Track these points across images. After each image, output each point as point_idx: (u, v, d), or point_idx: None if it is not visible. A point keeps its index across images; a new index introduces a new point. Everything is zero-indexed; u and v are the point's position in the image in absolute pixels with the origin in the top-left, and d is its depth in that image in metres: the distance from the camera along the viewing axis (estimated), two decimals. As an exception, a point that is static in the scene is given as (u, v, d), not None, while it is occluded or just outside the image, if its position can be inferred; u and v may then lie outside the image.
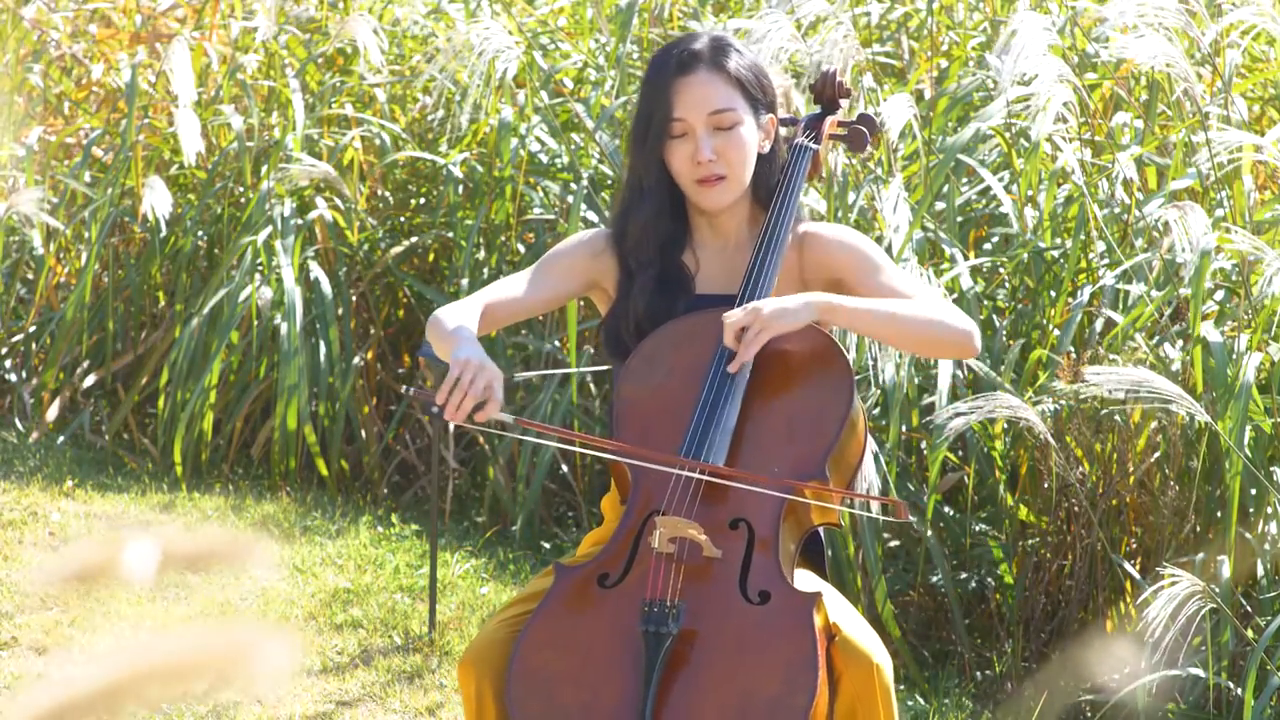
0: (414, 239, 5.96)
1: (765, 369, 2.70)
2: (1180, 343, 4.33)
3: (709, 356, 2.70)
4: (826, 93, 3.02)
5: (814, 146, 2.92)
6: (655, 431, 2.69)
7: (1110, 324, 4.43)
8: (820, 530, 2.75)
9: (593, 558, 2.65)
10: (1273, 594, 3.99)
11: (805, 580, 2.66)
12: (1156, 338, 4.38)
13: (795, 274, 2.84)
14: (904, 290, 2.75)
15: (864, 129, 3.01)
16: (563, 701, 2.53)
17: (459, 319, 2.70)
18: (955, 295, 4.58)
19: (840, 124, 3.01)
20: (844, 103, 3.03)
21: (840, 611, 2.61)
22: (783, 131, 2.95)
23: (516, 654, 2.56)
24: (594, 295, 2.92)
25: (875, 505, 3.57)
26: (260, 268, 5.71)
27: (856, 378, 4.46)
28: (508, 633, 2.63)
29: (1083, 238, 4.52)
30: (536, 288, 2.84)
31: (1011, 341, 4.57)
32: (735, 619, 2.55)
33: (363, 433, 5.78)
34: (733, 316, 2.65)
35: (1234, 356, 4.08)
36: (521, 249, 5.84)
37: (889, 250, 4.44)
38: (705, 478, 2.62)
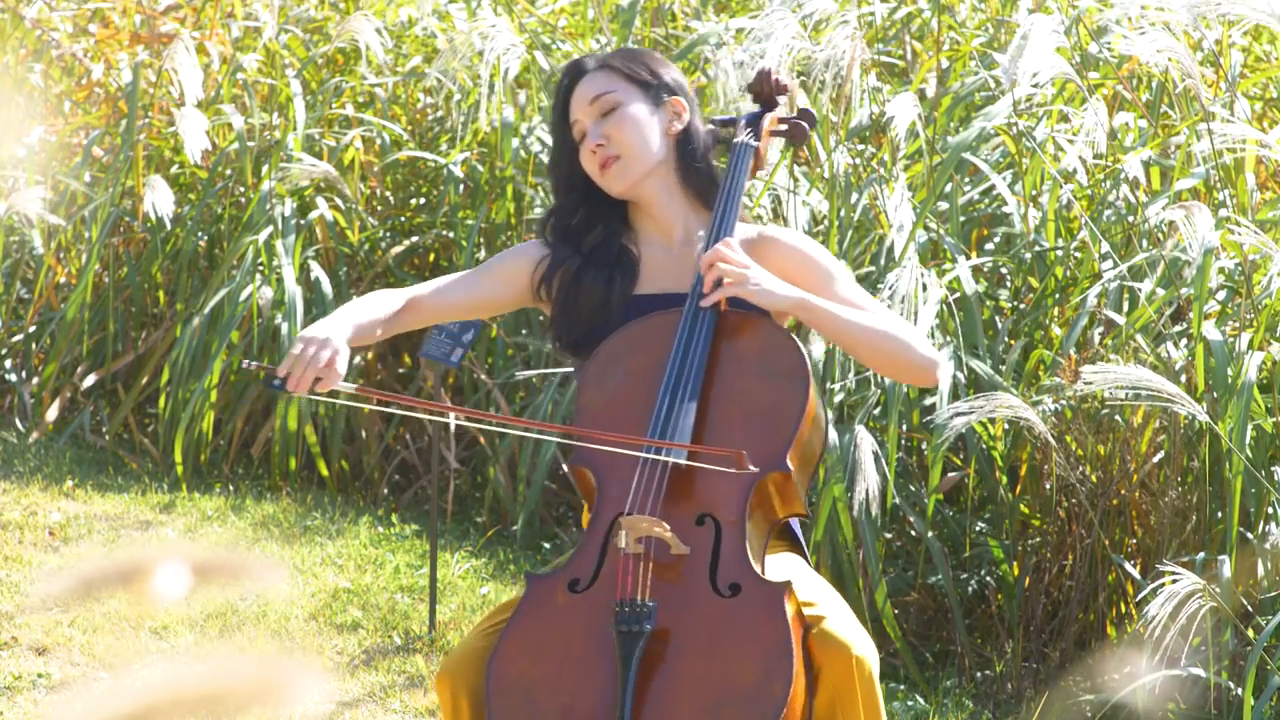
0: (414, 239, 5.97)
1: (722, 365, 2.72)
2: (1184, 342, 4.33)
3: (665, 357, 2.71)
4: (764, 91, 3.06)
5: (754, 144, 2.95)
6: (617, 434, 2.70)
7: (1111, 325, 4.44)
8: (792, 522, 2.76)
9: (562, 564, 2.66)
10: (1273, 594, 3.99)
11: (778, 568, 2.67)
12: (1157, 337, 4.37)
13: None
14: (859, 302, 2.80)
15: (803, 123, 3.05)
16: (542, 707, 2.54)
17: (358, 306, 2.76)
18: (957, 295, 4.58)
19: (780, 120, 3.05)
20: (782, 99, 3.06)
21: (823, 602, 2.61)
22: (731, 132, 2.99)
23: (493, 664, 2.57)
24: (542, 305, 2.94)
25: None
26: (261, 267, 5.71)
27: (859, 377, 4.48)
28: (485, 643, 2.65)
29: (1084, 235, 4.53)
30: (469, 288, 2.89)
31: (1013, 341, 4.57)
32: (707, 613, 2.55)
33: (363, 433, 5.78)
34: (724, 254, 2.69)
35: (1235, 356, 4.09)
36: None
37: (891, 250, 4.44)
38: (670, 459, 2.62)
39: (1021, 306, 4.77)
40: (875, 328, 2.74)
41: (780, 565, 2.67)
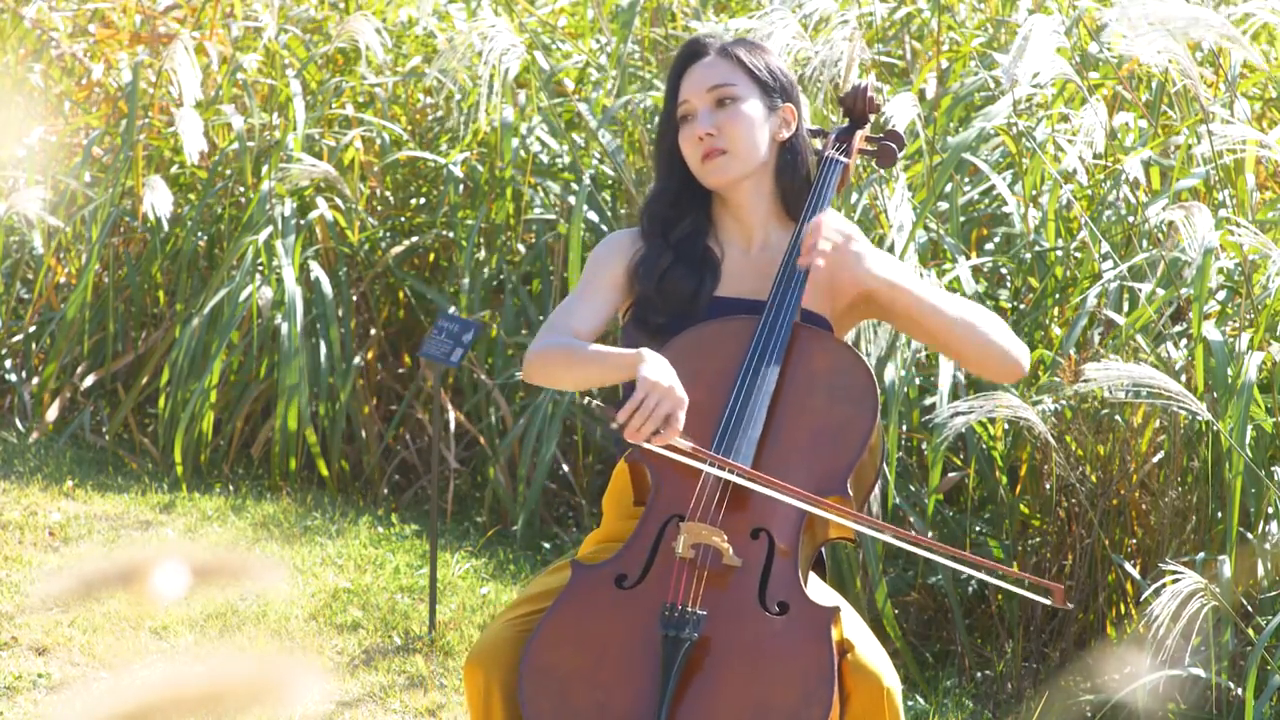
0: (414, 239, 5.97)
1: (791, 380, 2.69)
2: (1184, 342, 4.33)
3: (736, 364, 2.68)
4: (858, 107, 3.01)
5: (844, 160, 2.91)
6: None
7: (1111, 325, 4.44)
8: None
9: (610, 558, 2.63)
10: (1273, 593, 3.99)
11: (821, 592, 2.65)
12: (1157, 337, 4.38)
13: (825, 285, 2.83)
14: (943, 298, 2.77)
15: (892, 145, 3.00)
16: (575, 701, 2.51)
17: (595, 347, 2.68)
18: (957, 295, 4.57)
19: (869, 139, 3.01)
20: (872, 118, 3.02)
21: (854, 628, 2.60)
22: (816, 143, 2.96)
23: (529, 650, 2.54)
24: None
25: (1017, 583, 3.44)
26: (261, 267, 5.71)
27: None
28: (515, 632, 2.61)
29: (1084, 235, 4.53)
30: (605, 307, 2.82)
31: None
32: (753, 628, 2.53)
33: (363, 433, 5.78)
34: (827, 231, 2.67)
35: (1235, 356, 4.09)
36: (522, 249, 5.84)
37: (891, 250, 4.44)
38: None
39: (1021, 306, 4.77)
40: (966, 314, 2.72)
41: (817, 587, 2.66)
